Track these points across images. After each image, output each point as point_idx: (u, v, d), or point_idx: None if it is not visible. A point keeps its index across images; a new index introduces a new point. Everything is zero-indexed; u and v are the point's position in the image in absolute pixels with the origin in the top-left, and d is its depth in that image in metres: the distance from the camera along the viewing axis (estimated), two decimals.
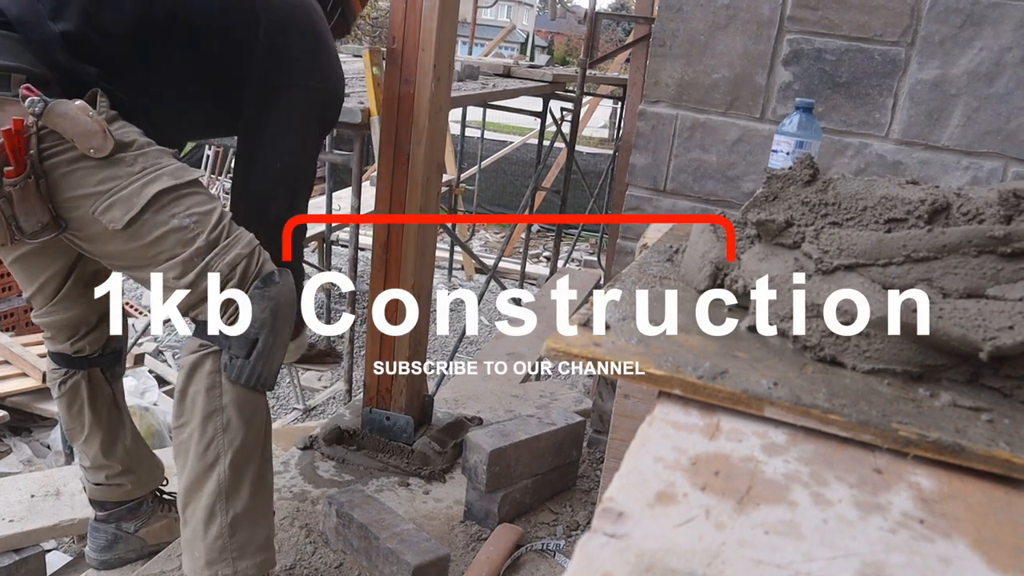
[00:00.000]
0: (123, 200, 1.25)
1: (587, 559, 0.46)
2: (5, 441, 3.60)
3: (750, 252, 0.94)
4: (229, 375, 1.33)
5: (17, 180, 1.16)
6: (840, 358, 0.75)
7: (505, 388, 2.90)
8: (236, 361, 1.33)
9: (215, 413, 1.33)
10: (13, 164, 1.16)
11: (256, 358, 1.33)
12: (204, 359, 1.34)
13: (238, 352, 1.32)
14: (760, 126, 2.26)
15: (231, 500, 1.34)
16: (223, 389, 1.33)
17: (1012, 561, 0.50)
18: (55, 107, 1.18)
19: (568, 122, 5.10)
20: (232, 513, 1.34)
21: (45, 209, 1.22)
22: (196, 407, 1.34)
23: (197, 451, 1.34)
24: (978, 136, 2.06)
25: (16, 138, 1.15)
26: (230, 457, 1.33)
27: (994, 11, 1.98)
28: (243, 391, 1.34)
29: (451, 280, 6.79)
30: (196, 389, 1.34)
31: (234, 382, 1.33)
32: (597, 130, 13.31)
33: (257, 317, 1.32)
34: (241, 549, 1.35)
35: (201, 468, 1.33)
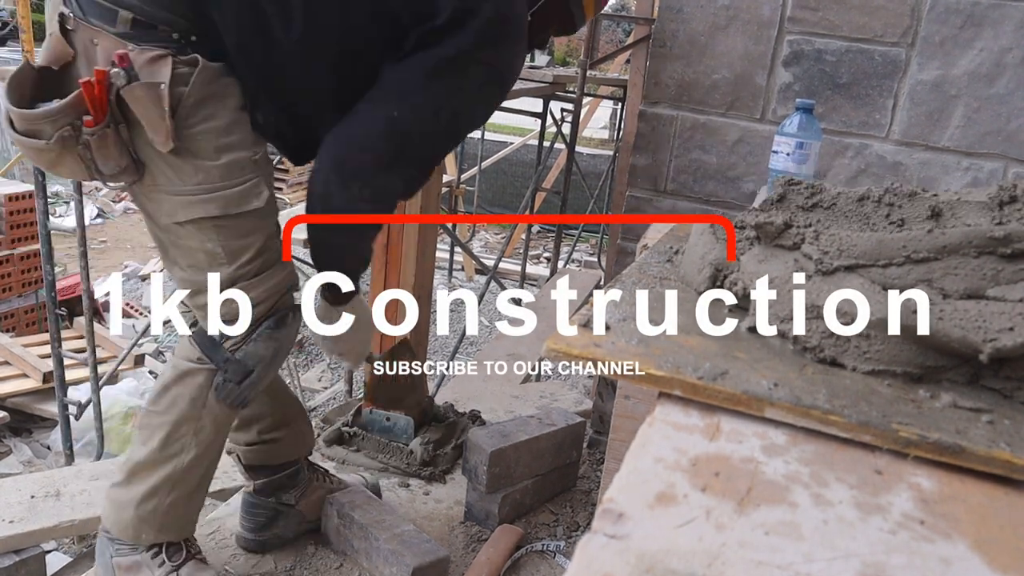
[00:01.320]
0: (171, 203, 1.26)
1: (587, 560, 0.46)
2: (5, 442, 3.60)
3: (750, 253, 0.94)
4: (218, 395, 1.37)
5: (95, 129, 1.16)
6: (840, 359, 0.75)
7: (505, 388, 2.89)
8: (228, 385, 1.36)
9: (193, 420, 1.37)
10: (92, 114, 1.15)
11: (247, 386, 1.38)
12: (198, 372, 1.37)
13: (233, 378, 1.36)
14: (760, 127, 2.26)
15: (175, 488, 1.40)
16: (207, 403, 1.37)
17: (1013, 562, 0.50)
18: (133, 89, 1.15)
19: (568, 123, 5.10)
20: (172, 498, 1.40)
21: (124, 153, 1.21)
22: (176, 408, 1.37)
23: (164, 441, 1.38)
24: (978, 137, 2.06)
25: (97, 88, 1.13)
26: (192, 455, 1.39)
27: (994, 12, 1.98)
28: (225, 408, 1.39)
29: (451, 280, 6.79)
30: (181, 393, 1.38)
31: (220, 401, 1.38)
32: (597, 131, 13.31)
33: (258, 353, 1.35)
34: (169, 522, 1.44)
35: (162, 456, 1.39)
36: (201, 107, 1.21)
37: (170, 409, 1.38)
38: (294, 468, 1.69)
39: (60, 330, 2.80)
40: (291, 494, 1.69)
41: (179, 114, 1.20)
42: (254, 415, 1.59)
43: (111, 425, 3.16)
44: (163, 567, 1.45)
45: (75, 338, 4.18)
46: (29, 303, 4.72)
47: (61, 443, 2.97)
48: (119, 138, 1.19)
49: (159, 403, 1.39)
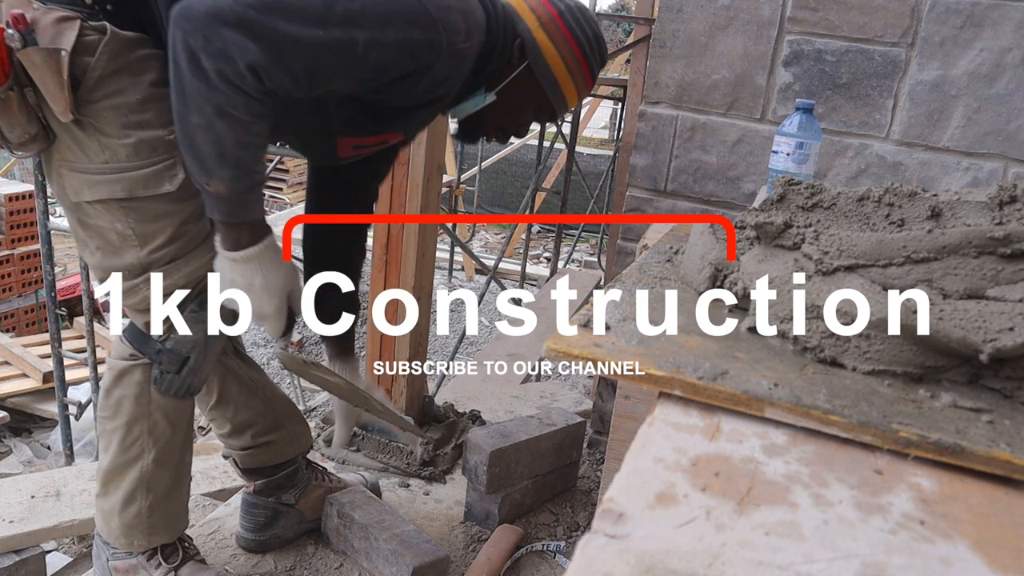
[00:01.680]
0: (78, 180, 1.19)
1: (587, 560, 0.46)
2: (5, 442, 3.60)
3: (750, 253, 0.94)
4: (159, 387, 1.33)
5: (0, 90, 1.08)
6: (840, 359, 0.75)
7: (505, 389, 2.89)
8: (167, 376, 1.33)
9: (142, 418, 1.35)
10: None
11: (187, 373, 1.34)
12: (134, 369, 1.33)
13: (169, 368, 1.32)
14: (760, 127, 2.26)
15: (151, 488, 1.39)
16: (151, 398, 1.34)
17: (1013, 562, 0.50)
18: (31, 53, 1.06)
19: (568, 123, 5.10)
20: (151, 498, 1.39)
21: (33, 120, 1.13)
22: (123, 410, 1.35)
23: (122, 445, 1.37)
24: (978, 137, 2.06)
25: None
26: (154, 454, 1.37)
27: (994, 12, 1.98)
28: (172, 400, 1.36)
29: (451, 280, 6.79)
30: (124, 394, 1.35)
31: (164, 394, 1.34)
32: (597, 131, 13.31)
33: (190, 338, 1.31)
34: (156, 525, 1.42)
35: (124, 459, 1.37)
36: (109, 80, 1.13)
37: (118, 413, 1.35)
38: (292, 468, 1.68)
39: (60, 330, 2.79)
40: (290, 494, 1.69)
41: (84, 86, 1.12)
42: (246, 420, 1.59)
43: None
44: (160, 569, 1.44)
45: (75, 338, 4.18)
46: (29, 303, 4.72)
47: (61, 443, 2.97)
48: (25, 103, 1.11)
49: (106, 408, 1.37)
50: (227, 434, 1.61)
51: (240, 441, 1.61)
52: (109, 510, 1.41)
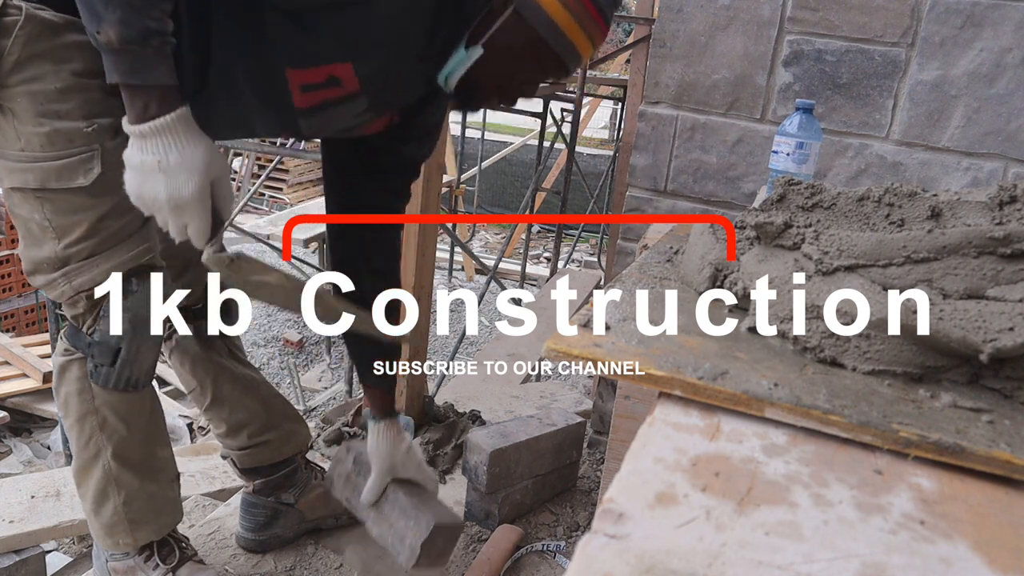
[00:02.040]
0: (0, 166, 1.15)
1: (587, 560, 0.46)
2: (5, 442, 3.60)
3: (750, 254, 0.94)
4: (96, 381, 1.30)
5: None
6: (840, 359, 0.75)
7: (505, 389, 2.89)
8: (101, 369, 1.29)
9: (89, 414, 1.32)
10: None
11: (121, 365, 1.29)
12: (71, 364, 1.31)
13: (102, 360, 1.28)
14: (760, 127, 2.26)
15: (121, 484, 1.36)
16: (94, 393, 1.31)
17: (1013, 562, 0.50)
18: None
19: (568, 123, 5.10)
20: (124, 493, 1.36)
21: None
22: (70, 407, 1.33)
23: (79, 444, 1.35)
24: (978, 137, 2.06)
25: None
26: (111, 450, 1.34)
27: (994, 12, 1.98)
28: (115, 394, 1.32)
29: (451, 280, 6.79)
30: (68, 391, 1.32)
31: (104, 387, 1.30)
32: (597, 131, 13.31)
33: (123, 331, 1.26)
34: (137, 520, 1.39)
35: (86, 458, 1.35)
36: (27, 65, 1.08)
37: (68, 411, 1.33)
38: (291, 468, 1.68)
39: (60, 330, 2.79)
40: (290, 493, 1.68)
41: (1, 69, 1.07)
42: (241, 420, 1.58)
43: None
44: (157, 569, 1.43)
45: None
46: (29, 303, 4.72)
47: (61, 443, 2.97)
48: None
49: (60, 407, 1.35)
50: (224, 434, 1.60)
51: (237, 441, 1.60)
52: (88, 511, 1.39)
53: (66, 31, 1.10)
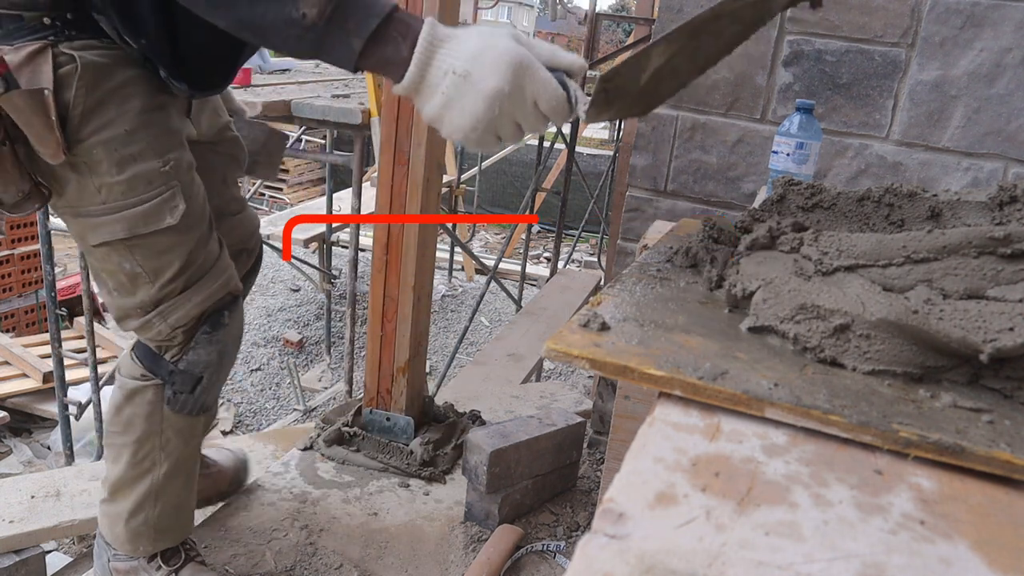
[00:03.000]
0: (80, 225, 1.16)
1: (587, 560, 0.46)
2: (5, 442, 3.60)
3: (749, 255, 0.94)
4: (172, 407, 1.31)
5: None
6: (840, 359, 0.75)
7: (505, 389, 2.89)
8: (180, 396, 1.30)
9: (154, 435, 1.33)
10: None
11: (200, 392, 1.32)
12: (146, 389, 1.30)
13: (182, 388, 1.29)
14: (760, 127, 2.26)
15: (159, 499, 1.38)
16: (164, 416, 1.32)
17: (1013, 563, 0.50)
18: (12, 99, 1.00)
19: (568, 123, 5.10)
20: (159, 509, 1.39)
21: (24, 176, 1.07)
22: (134, 427, 1.33)
23: (131, 460, 1.35)
24: (978, 137, 2.06)
25: None
26: (165, 468, 1.36)
27: (994, 12, 1.98)
28: (184, 417, 1.34)
29: (451, 280, 6.79)
30: (135, 412, 1.33)
31: (177, 412, 1.33)
32: (597, 131, 13.31)
33: (202, 359, 1.29)
34: (163, 531, 1.42)
35: (136, 473, 1.36)
36: (95, 115, 1.07)
37: (128, 429, 1.33)
38: None
39: (60, 330, 2.79)
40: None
41: (70, 124, 1.05)
42: None
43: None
44: (161, 571, 1.44)
45: (75, 338, 4.18)
46: (29, 303, 4.72)
47: (61, 443, 2.97)
48: (15, 158, 1.05)
49: (116, 424, 1.34)
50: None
51: None
52: (116, 516, 1.40)
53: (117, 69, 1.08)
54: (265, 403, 4.59)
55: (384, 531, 1.83)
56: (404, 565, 1.73)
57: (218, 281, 1.25)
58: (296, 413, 4.47)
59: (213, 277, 1.24)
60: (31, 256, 4.63)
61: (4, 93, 0.99)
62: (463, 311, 6.00)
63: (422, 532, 1.85)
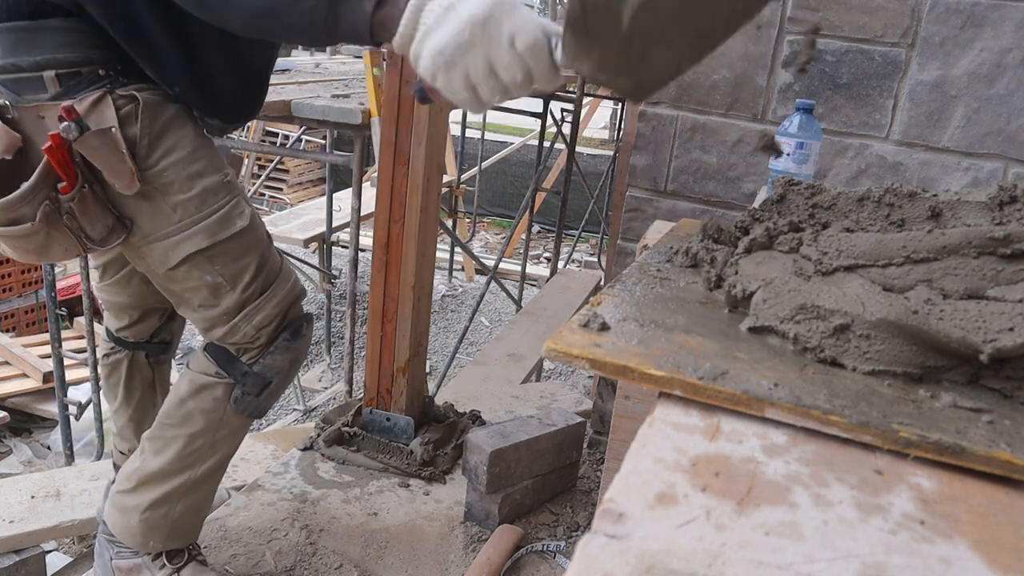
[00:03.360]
0: (161, 250, 1.25)
1: (587, 560, 0.46)
2: (5, 442, 3.60)
3: (749, 256, 0.94)
4: (237, 407, 1.37)
5: (73, 193, 1.14)
6: (840, 359, 0.75)
7: (505, 389, 2.89)
8: (247, 397, 1.37)
9: (209, 431, 1.38)
10: (65, 179, 1.13)
11: (266, 397, 1.39)
12: (216, 386, 1.37)
13: (251, 390, 1.36)
14: (760, 127, 2.26)
15: (187, 496, 1.42)
16: (224, 414, 1.38)
17: (1013, 563, 0.50)
18: (88, 139, 1.12)
19: (568, 123, 5.10)
20: (183, 506, 1.42)
21: (107, 212, 1.19)
22: (192, 421, 1.38)
23: (180, 454, 1.39)
24: (979, 137, 2.06)
25: (59, 152, 1.12)
26: (207, 465, 1.41)
27: (994, 12, 1.98)
28: (242, 419, 1.41)
29: (451, 280, 6.79)
30: (198, 407, 1.37)
31: (238, 413, 1.39)
32: (597, 131, 13.31)
33: (276, 365, 1.36)
34: (177, 530, 1.45)
35: (177, 467, 1.39)
36: (159, 142, 1.19)
37: (186, 422, 1.38)
38: None
39: (60, 330, 2.80)
40: None
41: (139, 155, 1.17)
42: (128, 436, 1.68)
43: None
44: (164, 570, 1.45)
45: (75, 338, 4.18)
46: (29, 303, 4.72)
47: (61, 443, 2.97)
48: (96, 196, 1.17)
49: (174, 416, 1.39)
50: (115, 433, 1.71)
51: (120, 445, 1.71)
52: (133, 507, 1.41)
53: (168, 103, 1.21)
54: None
55: (384, 531, 1.83)
56: (404, 565, 1.73)
57: (289, 282, 1.35)
58: (296, 413, 4.47)
59: (284, 279, 1.34)
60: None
61: (80, 137, 1.10)
62: (463, 311, 6.00)
63: (422, 532, 1.85)
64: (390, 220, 2.01)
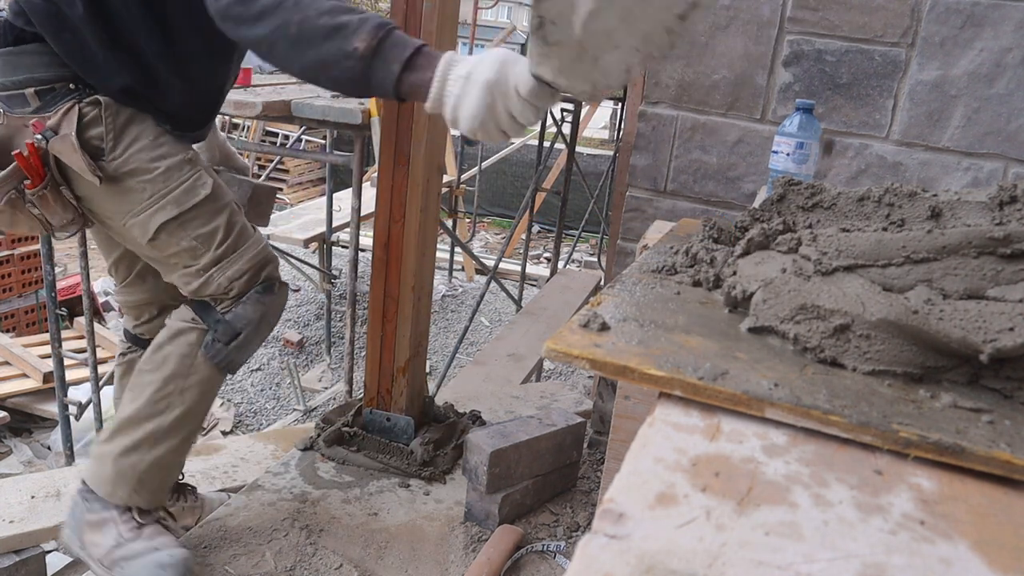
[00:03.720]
0: (139, 225, 1.42)
1: (587, 560, 0.46)
2: (5, 442, 3.60)
3: (748, 256, 0.94)
4: (207, 353, 1.49)
5: (36, 191, 1.35)
6: (840, 359, 0.75)
7: (505, 389, 2.90)
8: (217, 344, 1.49)
9: (180, 377, 1.49)
10: (31, 178, 1.34)
11: (234, 347, 1.50)
12: (191, 331, 1.50)
13: (221, 338, 1.48)
14: (760, 127, 2.26)
15: (157, 446, 1.50)
16: (196, 361, 1.49)
17: (1013, 563, 0.50)
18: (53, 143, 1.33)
19: (568, 123, 5.10)
20: (152, 456, 1.50)
21: (69, 208, 1.40)
22: (166, 364, 1.50)
23: (150, 398, 1.49)
24: (978, 137, 2.06)
25: (32, 158, 1.33)
26: (176, 413, 1.49)
27: (994, 12, 1.98)
28: (212, 369, 1.51)
29: (451, 280, 6.79)
30: (172, 351, 1.50)
31: (208, 360, 1.49)
32: (597, 131, 13.32)
33: (246, 315, 1.49)
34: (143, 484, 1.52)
35: (148, 412, 1.49)
36: (123, 135, 1.38)
37: (161, 367, 1.50)
38: None
39: (60, 330, 2.80)
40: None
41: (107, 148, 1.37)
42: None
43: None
44: (128, 524, 1.53)
45: (75, 338, 4.18)
46: (29, 303, 4.72)
47: (61, 443, 2.97)
48: (60, 196, 1.38)
49: (151, 361, 1.52)
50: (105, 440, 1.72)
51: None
52: (107, 453, 1.51)
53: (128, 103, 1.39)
54: (265, 403, 4.59)
55: (384, 531, 1.83)
56: (404, 565, 1.73)
57: (260, 245, 1.50)
58: (296, 413, 4.47)
59: (256, 242, 1.50)
60: (31, 256, 4.63)
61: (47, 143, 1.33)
62: (463, 311, 6.00)
63: (422, 532, 1.85)
64: (390, 220, 2.01)
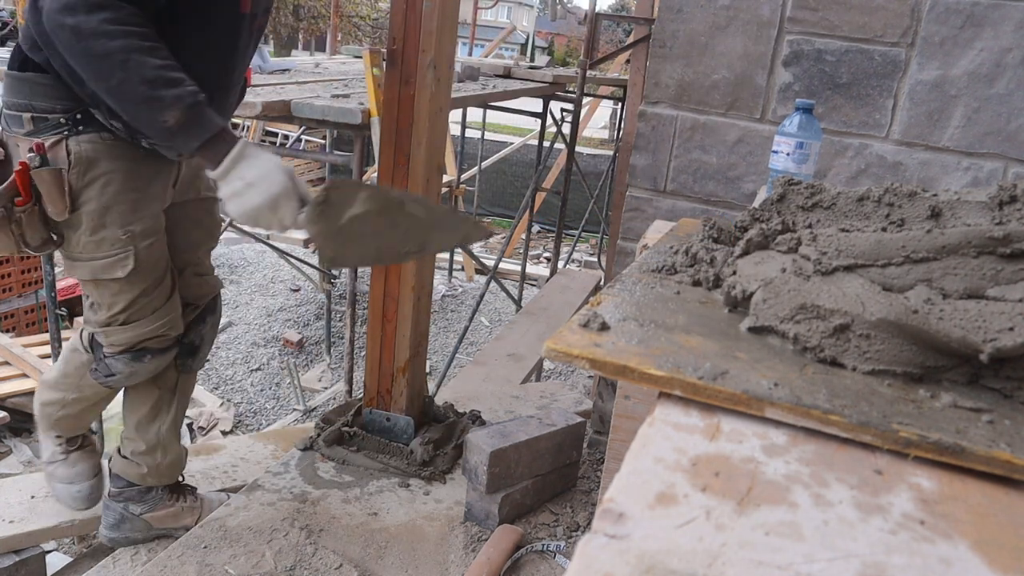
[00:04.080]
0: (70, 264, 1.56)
1: (587, 560, 0.46)
2: (5, 442, 3.60)
3: (748, 256, 0.94)
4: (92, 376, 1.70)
5: (25, 207, 1.43)
6: (840, 359, 0.75)
7: (505, 389, 2.89)
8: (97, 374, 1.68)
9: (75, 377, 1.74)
10: (23, 195, 1.41)
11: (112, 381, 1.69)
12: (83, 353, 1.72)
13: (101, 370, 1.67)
14: (760, 127, 2.26)
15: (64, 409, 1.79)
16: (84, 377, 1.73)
17: (1013, 562, 0.50)
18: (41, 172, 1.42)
19: (568, 123, 5.10)
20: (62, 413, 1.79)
21: (45, 227, 1.49)
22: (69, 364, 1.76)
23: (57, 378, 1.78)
24: (978, 137, 2.06)
25: (24, 175, 1.41)
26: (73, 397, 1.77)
27: (994, 12, 1.98)
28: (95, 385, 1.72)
29: (451, 280, 6.79)
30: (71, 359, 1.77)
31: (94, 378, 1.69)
32: (597, 131, 13.32)
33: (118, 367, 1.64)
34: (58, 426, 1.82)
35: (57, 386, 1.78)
36: (82, 194, 1.46)
37: (66, 363, 1.78)
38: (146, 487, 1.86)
39: (60, 330, 2.80)
40: (138, 507, 1.87)
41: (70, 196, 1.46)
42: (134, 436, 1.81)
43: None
44: (59, 445, 1.86)
45: None
46: (29, 303, 4.72)
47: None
48: (40, 215, 1.45)
49: (65, 352, 1.79)
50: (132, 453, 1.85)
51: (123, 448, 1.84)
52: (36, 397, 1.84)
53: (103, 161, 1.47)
54: (265, 403, 4.59)
55: (384, 531, 1.83)
56: (404, 565, 1.73)
57: (152, 325, 1.62)
58: (296, 413, 4.47)
59: (149, 322, 1.62)
60: (31, 256, 4.63)
61: (39, 167, 1.41)
62: (463, 311, 6.00)
63: (422, 532, 1.85)
64: None
